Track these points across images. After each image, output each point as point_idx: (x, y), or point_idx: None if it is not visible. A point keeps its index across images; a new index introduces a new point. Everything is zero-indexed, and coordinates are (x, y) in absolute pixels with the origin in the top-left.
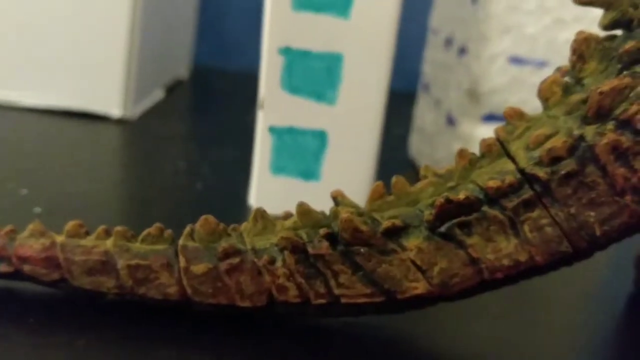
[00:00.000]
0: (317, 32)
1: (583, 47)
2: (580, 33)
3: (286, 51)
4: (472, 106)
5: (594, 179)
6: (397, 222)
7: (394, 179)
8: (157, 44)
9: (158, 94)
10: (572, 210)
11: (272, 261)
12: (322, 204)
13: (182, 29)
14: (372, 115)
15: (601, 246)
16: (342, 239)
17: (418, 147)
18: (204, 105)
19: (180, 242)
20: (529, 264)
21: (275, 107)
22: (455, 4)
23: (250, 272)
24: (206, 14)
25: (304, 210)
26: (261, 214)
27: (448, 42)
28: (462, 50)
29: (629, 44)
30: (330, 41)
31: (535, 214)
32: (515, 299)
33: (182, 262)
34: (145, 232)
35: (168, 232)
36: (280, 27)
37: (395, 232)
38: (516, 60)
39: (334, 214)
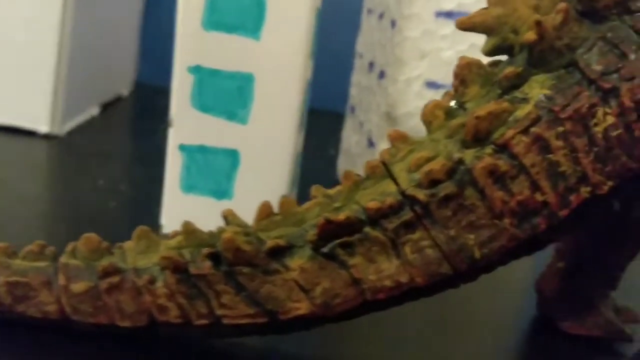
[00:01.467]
0: (227, 52)
1: (465, 72)
2: (462, 58)
3: (196, 70)
4: (390, 129)
5: (473, 202)
6: (281, 242)
7: (281, 199)
8: (92, 61)
9: (93, 111)
10: (452, 232)
11: (152, 281)
12: None
13: (124, 47)
14: (285, 135)
15: (483, 269)
16: (225, 259)
17: (344, 168)
18: (139, 122)
19: (62, 259)
20: (410, 285)
21: (186, 125)
22: (377, 29)
23: (131, 291)
24: (149, 32)
25: (188, 229)
26: (145, 232)
27: (371, 65)
28: (382, 74)
29: (508, 70)
30: (241, 61)
31: (416, 235)
32: (415, 324)
33: (62, 280)
34: (26, 249)
35: (50, 249)
36: (190, 45)
37: (280, 252)
38: (432, 85)
39: (220, 234)
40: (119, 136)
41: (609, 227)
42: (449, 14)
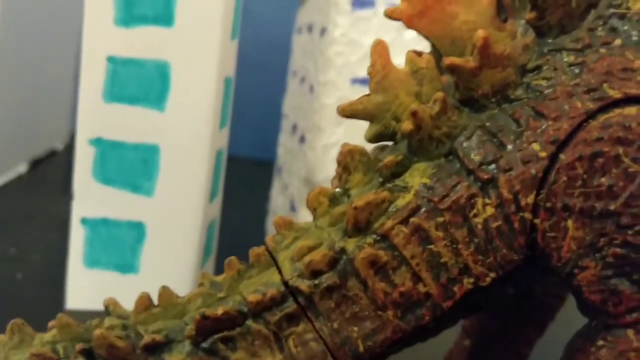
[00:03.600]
0: (131, 123)
1: (348, 159)
2: (344, 145)
3: (98, 142)
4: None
5: (355, 293)
6: (158, 337)
7: (160, 289)
8: (20, 114)
9: (21, 168)
10: (336, 324)
11: None
12: None
13: (58, 98)
14: (192, 206)
15: None
16: (98, 356)
17: (271, 229)
18: (70, 180)
19: None
20: None
21: (88, 198)
22: (299, 92)
23: None
24: None
25: (62, 323)
26: (18, 326)
27: (294, 128)
28: (302, 139)
29: (389, 158)
30: (146, 132)
31: (299, 328)
32: None
33: None
34: None
35: None
36: (91, 118)
37: (157, 348)
38: None
39: (94, 328)
40: (44, 196)
41: (512, 304)
42: (364, 81)
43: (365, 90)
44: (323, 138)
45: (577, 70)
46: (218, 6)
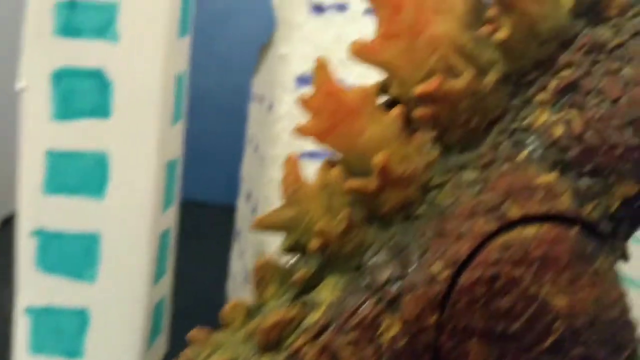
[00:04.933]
0: (71, 213)
1: (262, 272)
2: (260, 258)
3: (39, 233)
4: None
5: None
6: None
7: None
8: None
9: None
10: None
11: None
12: None
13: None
14: (136, 290)
15: None
16: None
17: (230, 294)
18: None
19: None
20: None
21: (31, 287)
22: (253, 159)
23: None
24: None
25: None
26: None
27: (248, 196)
28: (255, 209)
29: (300, 273)
30: (86, 221)
31: None
32: None
33: None
34: None
35: None
36: (32, 210)
37: None
38: None
39: None
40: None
41: None
42: (312, 155)
43: (313, 163)
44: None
45: (478, 189)
46: (156, 94)
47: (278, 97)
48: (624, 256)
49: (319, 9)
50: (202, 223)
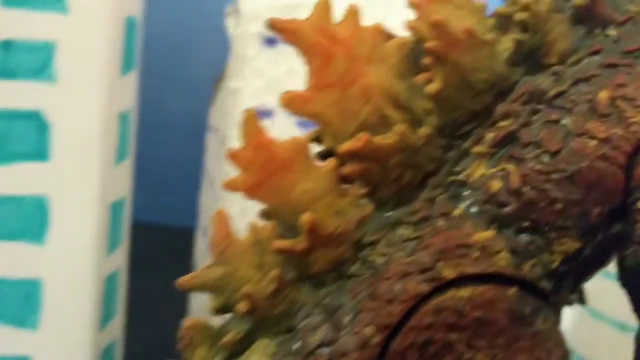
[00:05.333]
0: (11, 260)
1: (190, 334)
2: (187, 320)
3: None
4: None
5: None
6: None
7: None
8: None
9: None
10: None
11: None
12: None
13: None
14: (79, 338)
15: None
16: None
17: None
18: None
19: None
20: None
21: None
22: (209, 193)
23: None
24: None
25: None
26: None
27: (205, 231)
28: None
29: (229, 336)
30: (27, 267)
31: None
32: None
33: None
34: None
35: None
36: None
37: None
38: None
39: None
40: None
41: None
42: None
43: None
44: None
45: (412, 247)
46: (97, 134)
47: (230, 131)
48: (582, 300)
49: (271, 41)
50: (164, 249)
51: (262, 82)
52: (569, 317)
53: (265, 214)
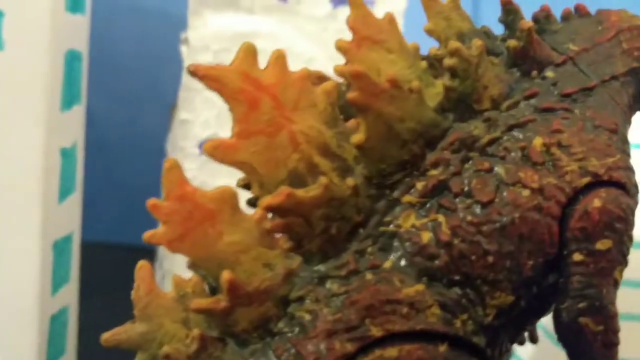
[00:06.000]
0: None
1: None
2: None
3: None
4: None
5: None
6: None
7: None
8: None
9: None
10: None
11: None
12: None
13: None
14: None
15: None
16: None
17: None
18: None
19: None
20: None
21: None
22: None
23: None
24: None
25: None
26: None
27: (160, 264)
28: (163, 277)
29: None
30: None
31: None
32: None
33: None
34: None
35: None
36: None
37: None
38: None
39: None
40: None
41: None
42: None
43: None
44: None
45: (339, 303)
46: (36, 172)
47: (181, 163)
48: (533, 339)
49: None
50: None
51: (213, 113)
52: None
53: (193, 266)
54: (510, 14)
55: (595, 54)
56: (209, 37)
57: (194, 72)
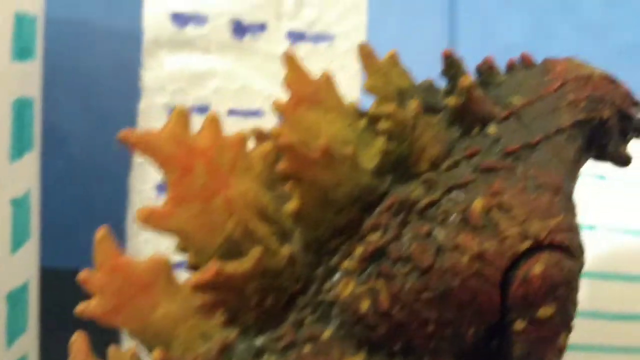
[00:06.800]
0: None
1: None
2: None
3: None
4: None
5: None
6: None
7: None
8: None
9: None
10: None
11: None
12: None
13: None
14: None
15: None
16: None
17: None
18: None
19: None
20: None
21: None
22: None
23: None
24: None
25: None
26: None
27: None
28: None
29: None
30: None
31: None
32: None
33: None
34: None
35: None
36: None
37: None
38: None
39: None
40: None
41: None
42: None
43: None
44: None
45: None
46: None
47: (140, 205)
48: None
49: None
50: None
51: None
52: None
53: (130, 336)
54: (452, 68)
55: (540, 107)
56: (164, 78)
57: (124, 139)
